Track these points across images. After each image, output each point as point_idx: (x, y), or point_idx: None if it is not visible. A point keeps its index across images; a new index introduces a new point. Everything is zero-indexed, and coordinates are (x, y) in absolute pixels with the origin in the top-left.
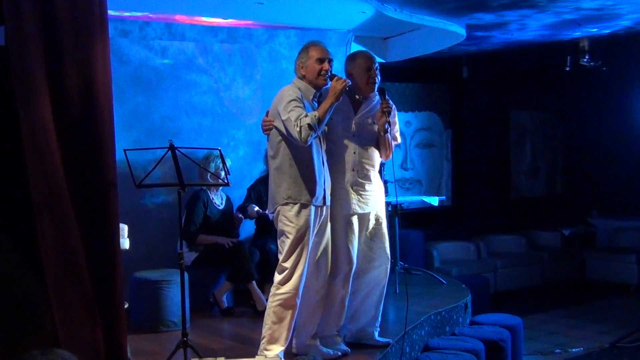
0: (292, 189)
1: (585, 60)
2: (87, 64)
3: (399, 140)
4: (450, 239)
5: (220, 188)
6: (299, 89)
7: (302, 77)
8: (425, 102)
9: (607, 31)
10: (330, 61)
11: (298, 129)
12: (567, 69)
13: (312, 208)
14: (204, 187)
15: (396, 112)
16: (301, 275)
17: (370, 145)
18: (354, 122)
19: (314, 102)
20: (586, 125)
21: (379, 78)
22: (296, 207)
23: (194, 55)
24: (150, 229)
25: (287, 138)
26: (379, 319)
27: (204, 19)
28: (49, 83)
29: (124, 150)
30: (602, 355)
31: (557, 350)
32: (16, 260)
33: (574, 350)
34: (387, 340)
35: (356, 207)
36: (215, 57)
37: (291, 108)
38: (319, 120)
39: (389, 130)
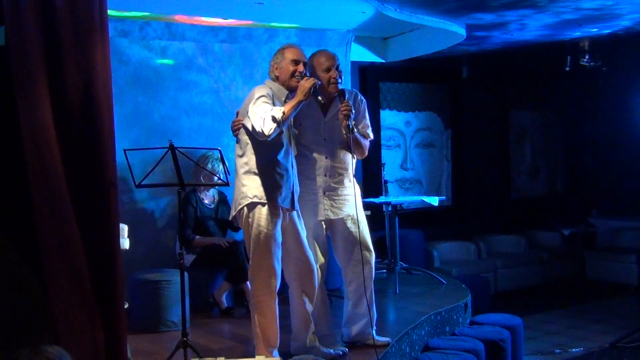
0: (259, 188)
1: (585, 60)
2: (87, 64)
3: (371, 136)
4: (450, 239)
5: (213, 188)
6: (270, 89)
7: (275, 79)
8: (425, 102)
9: (607, 31)
10: (305, 64)
11: (261, 121)
12: (567, 69)
13: (279, 210)
14: (194, 189)
15: (366, 108)
16: (274, 277)
17: (343, 148)
18: (323, 126)
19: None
20: (586, 125)
21: (342, 79)
22: (263, 208)
23: (194, 55)
24: (150, 229)
25: (253, 135)
26: (375, 317)
27: (204, 19)
28: (49, 83)
29: (124, 150)
30: (602, 355)
31: (557, 350)
32: (16, 260)
33: (574, 350)
34: (386, 339)
35: (329, 212)
36: (215, 57)
37: (259, 103)
38: (284, 115)
39: (354, 131)
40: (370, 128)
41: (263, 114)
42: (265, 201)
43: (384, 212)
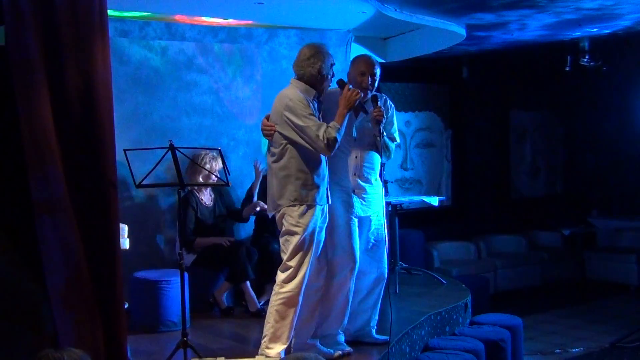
0: (298, 191)
1: (585, 60)
2: (87, 64)
3: (398, 140)
4: (450, 239)
5: (209, 187)
6: (300, 90)
7: (311, 77)
8: (425, 102)
9: (607, 31)
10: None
11: (325, 141)
12: (567, 69)
13: (318, 208)
14: (192, 189)
15: (394, 112)
16: (305, 274)
17: (372, 148)
18: (355, 127)
19: (315, 101)
20: (586, 125)
21: (376, 85)
22: (303, 207)
23: (194, 55)
24: (150, 229)
25: (299, 143)
26: (376, 317)
27: (204, 19)
28: (49, 83)
29: (124, 150)
30: (602, 355)
31: (557, 350)
32: (16, 260)
33: (574, 350)
34: (385, 337)
35: (359, 210)
36: (215, 57)
37: (305, 115)
38: (339, 130)
39: (384, 134)
40: (397, 132)
41: (323, 133)
42: (306, 202)
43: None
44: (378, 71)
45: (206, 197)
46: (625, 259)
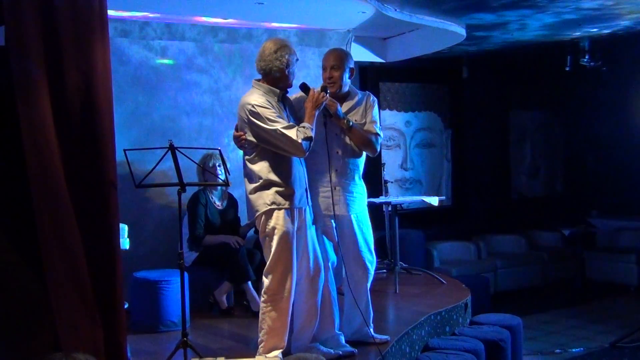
0: (275, 195)
1: (585, 60)
2: (87, 64)
3: (376, 131)
4: (450, 239)
5: (220, 188)
6: (263, 93)
7: (267, 74)
8: (425, 102)
9: (607, 31)
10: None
11: (299, 142)
12: (567, 69)
13: (295, 210)
14: (203, 188)
15: (373, 106)
16: (290, 277)
17: (354, 146)
18: (335, 123)
19: (280, 102)
20: (586, 125)
21: (344, 78)
22: (280, 212)
23: (194, 55)
24: (150, 229)
25: (271, 148)
26: (372, 316)
27: (204, 19)
28: (49, 83)
29: (124, 150)
30: (602, 355)
31: (557, 350)
32: (16, 260)
33: (574, 350)
34: (385, 337)
35: (337, 208)
36: (215, 57)
37: (272, 119)
38: (312, 130)
39: (349, 123)
40: (377, 125)
41: (296, 135)
42: (283, 206)
43: (384, 212)
44: (339, 63)
45: (217, 198)
46: (625, 259)
